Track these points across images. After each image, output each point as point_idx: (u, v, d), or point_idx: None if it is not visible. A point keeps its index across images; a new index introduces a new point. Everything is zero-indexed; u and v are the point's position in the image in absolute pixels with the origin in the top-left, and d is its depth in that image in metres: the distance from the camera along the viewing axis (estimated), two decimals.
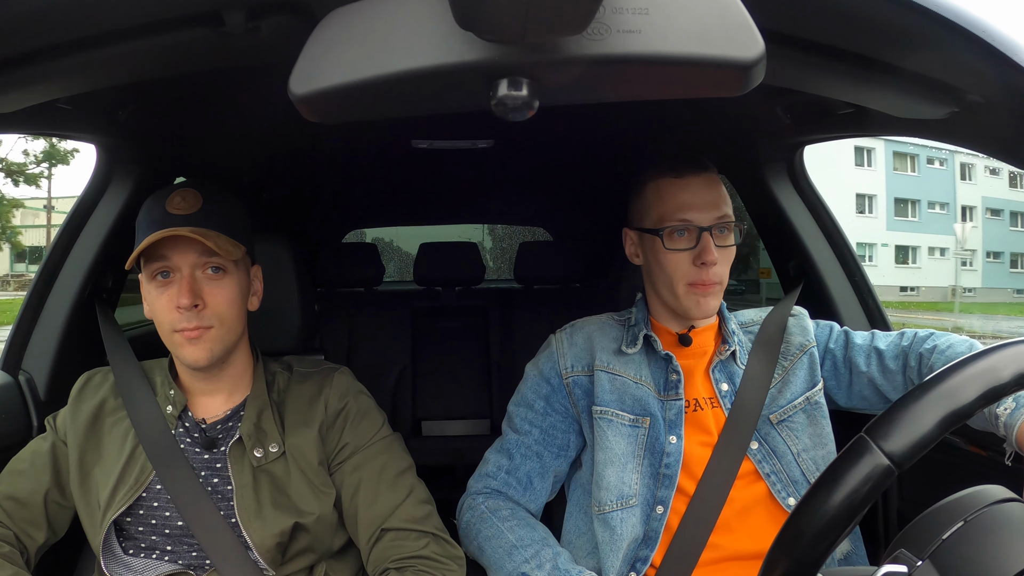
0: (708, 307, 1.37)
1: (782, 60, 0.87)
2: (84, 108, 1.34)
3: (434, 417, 3.23)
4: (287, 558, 1.27)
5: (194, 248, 1.22)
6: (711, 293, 1.36)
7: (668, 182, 1.39)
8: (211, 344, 1.24)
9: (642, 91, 0.76)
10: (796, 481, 1.36)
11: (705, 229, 1.35)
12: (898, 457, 0.64)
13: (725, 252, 1.37)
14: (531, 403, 1.47)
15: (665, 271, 1.38)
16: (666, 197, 1.38)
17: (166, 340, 1.26)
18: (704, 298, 1.36)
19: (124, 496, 1.26)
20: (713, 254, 1.34)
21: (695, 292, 1.36)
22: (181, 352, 1.25)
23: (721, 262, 1.36)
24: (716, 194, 1.38)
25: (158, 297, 1.23)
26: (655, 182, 1.40)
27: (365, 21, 0.64)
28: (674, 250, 1.36)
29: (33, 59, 0.88)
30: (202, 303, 1.22)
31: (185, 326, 1.22)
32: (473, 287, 3.46)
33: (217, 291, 1.25)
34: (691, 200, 1.36)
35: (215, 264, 1.24)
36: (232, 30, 0.85)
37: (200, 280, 1.23)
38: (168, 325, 1.23)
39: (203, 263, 1.24)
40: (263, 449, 1.28)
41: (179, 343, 1.24)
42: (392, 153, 2.30)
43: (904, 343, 1.40)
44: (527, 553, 1.30)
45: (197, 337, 1.23)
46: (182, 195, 1.24)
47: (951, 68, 0.93)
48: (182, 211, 1.22)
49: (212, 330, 1.24)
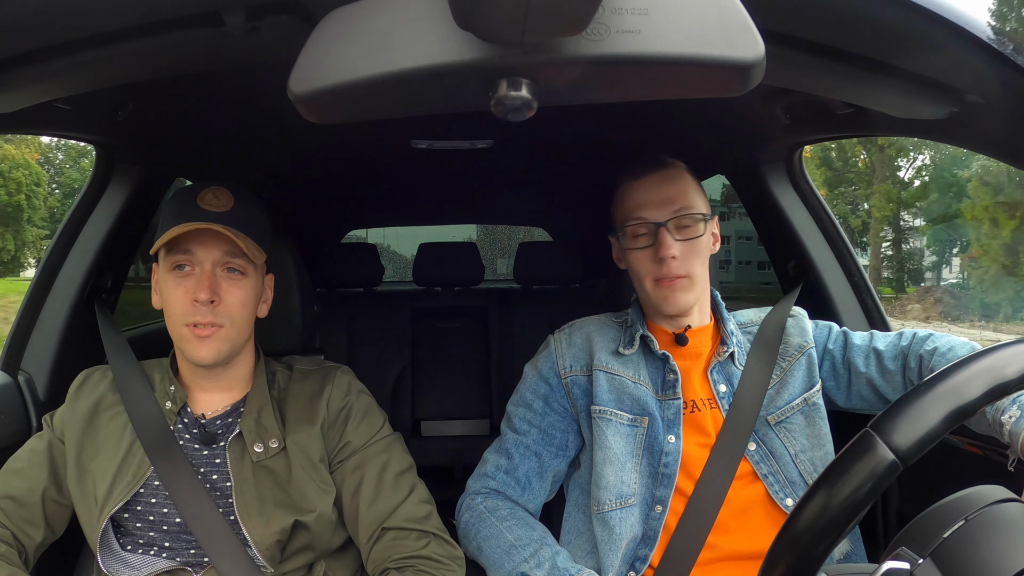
0: (678, 302, 1.38)
1: (781, 60, 0.87)
2: (83, 108, 1.34)
3: (433, 417, 3.23)
4: (286, 556, 1.27)
5: (220, 246, 1.23)
6: (677, 287, 1.37)
7: (628, 185, 1.43)
8: (219, 344, 1.25)
9: (641, 91, 0.76)
10: (794, 482, 1.36)
11: (661, 224, 1.36)
12: (903, 452, 0.64)
13: (688, 245, 1.37)
14: (530, 403, 1.47)
15: (633, 270, 1.42)
16: (626, 198, 1.42)
17: (175, 333, 1.26)
18: (672, 293, 1.37)
19: (122, 491, 1.26)
20: (670, 249, 1.35)
21: (661, 288, 1.37)
22: (189, 348, 1.25)
23: (685, 255, 1.36)
24: (673, 188, 1.39)
25: (174, 288, 1.24)
26: (620, 186, 1.45)
27: (364, 21, 0.64)
28: (635, 249, 1.40)
29: (32, 59, 0.88)
30: (218, 299, 1.23)
31: (198, 320, 1.22)
32: (472, 287, 3.46)
33: (234, 290, 1.26)
34: (646, 198, 1.38)
35: (235, 265, 1.26)
36: (232, 30, 0.85)
37: (219, 277, 1.25)
38: (180, 317, 1.23)
39: (224, 262, 1.25)
40: (263, 444, 1.28)
41: (187, 338, 1.24)
42: (391, 153, 2.30)
43: (903, 344, 1.40)
44: (526, 552, 1.30)
45: (208, 336, 1.23)
46: (215, 192, 1.26)
47: (950, 69, 0.93)
48: (215, 208, 1.24)
49: (223, 329, 1.25)
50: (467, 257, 3.41)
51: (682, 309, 1.40)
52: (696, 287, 1.39)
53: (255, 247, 1.25)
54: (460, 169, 2.62)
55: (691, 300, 1.39)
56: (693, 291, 1.39)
